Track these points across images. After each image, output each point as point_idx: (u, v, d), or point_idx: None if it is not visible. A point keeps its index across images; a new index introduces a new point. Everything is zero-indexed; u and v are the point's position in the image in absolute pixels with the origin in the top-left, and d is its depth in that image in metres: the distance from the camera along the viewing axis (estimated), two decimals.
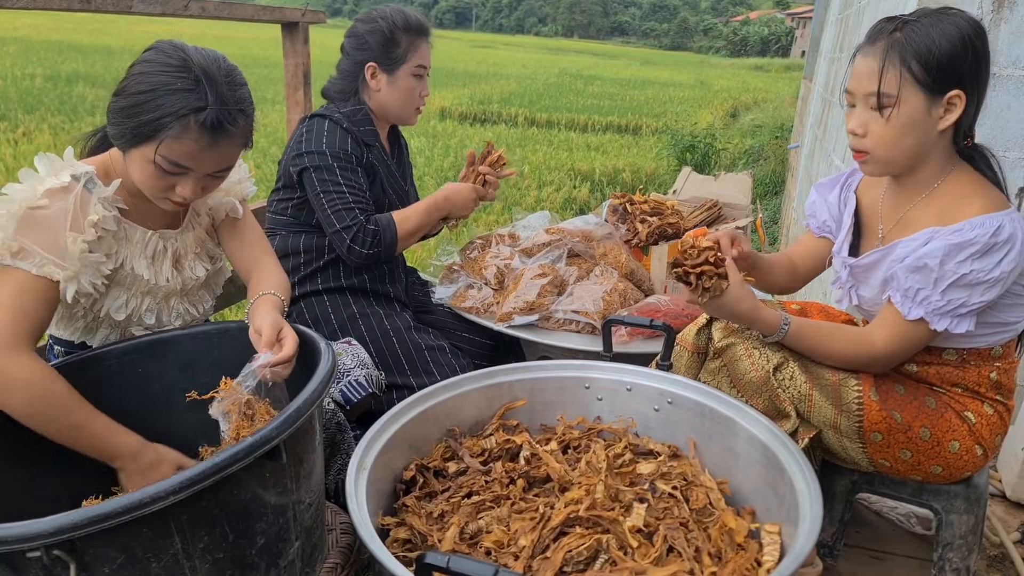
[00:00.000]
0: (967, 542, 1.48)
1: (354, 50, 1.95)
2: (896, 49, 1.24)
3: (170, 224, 1.41)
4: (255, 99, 1.31)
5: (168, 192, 1.26)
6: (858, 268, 1.42)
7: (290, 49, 2.67)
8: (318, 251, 1.98)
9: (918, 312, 1.28)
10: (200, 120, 1.16)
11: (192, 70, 1.17)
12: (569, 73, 28.37)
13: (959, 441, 1.36)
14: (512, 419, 1.45)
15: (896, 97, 1.25)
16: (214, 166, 1.25)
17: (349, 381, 1.66)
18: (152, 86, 1.16)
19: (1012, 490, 2.00)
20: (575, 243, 2.19)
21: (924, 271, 1.25)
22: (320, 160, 1.83)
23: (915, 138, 1.27)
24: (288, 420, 0.99)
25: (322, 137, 1.86)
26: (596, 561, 1.07)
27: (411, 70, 1.94)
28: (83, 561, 0.87)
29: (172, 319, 1.44)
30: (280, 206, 1.98)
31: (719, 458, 1.34)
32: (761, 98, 20.33)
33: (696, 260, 1.35)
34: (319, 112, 1.93)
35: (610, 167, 9.39)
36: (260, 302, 1.32)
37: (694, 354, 1.50)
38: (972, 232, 1.22)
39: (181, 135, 1.17)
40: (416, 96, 1.98)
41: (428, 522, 1.19)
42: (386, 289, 2.06)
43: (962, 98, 1.24)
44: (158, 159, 1.19)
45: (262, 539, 1.02)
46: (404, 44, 1.92)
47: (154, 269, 1.37)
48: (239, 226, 1.49)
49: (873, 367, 1.37)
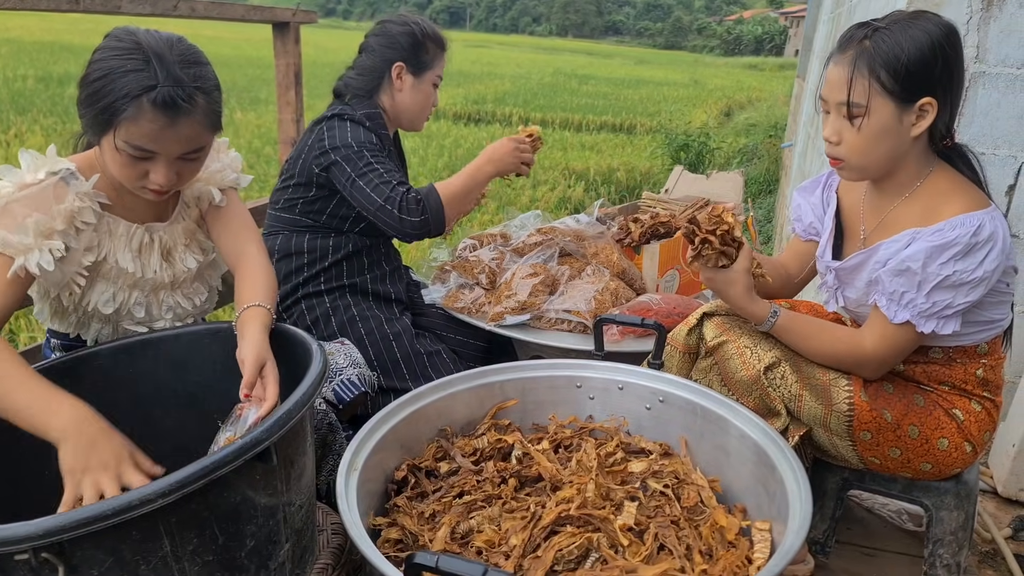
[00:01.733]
0: (957, 538, 1.48)
1: (383, 48, 1.97)
2: (864, 58, 1.23)
3: (158, 217, 1.41)
4: (248, 99, 1.32)
5: (143, 180, 1.25)
6: (843, 271, 1.43)
7: (281, 49, 2.66)
8: (322, 252, 1.98)
9: (904, 315, 1.28)
10: (152, 99, 1.15)
11: (143, 50, 1.17)
12: (563, 73, 28.40)
13: (948, 438, 1.37)
14: (504, 419, 1.45)
15: (866, 107, 1.25)
16: (180, 148, 1.23)
17: (342, 380, 1.66)
18: (106, 71, 1.16)
19: (1003, 486, 2.01)
20: (567, 242, 2.19)
21: (907, 274, 1.25)
22: (348, 151, 1.84)
23: (888, 145, 1.28)
24: (279, 422, 0.99)
25: (346, 132, 1.87)
26: (587, 560, 1.07)
27: (433, 78, 2.01)
28: (71, 563, 0.87)
29: (163, 312, 1.43)
30: (288, 203, 1.97)
31: (710, 456, 1.34)
32: (755, 97, 20.39)
33: (709, 226, 1.36)
34: (335, 112, 1.92)
35: (604, 166, 9.42)
36: (246, 318, 1.27)
37: (685, 354, 1.51)
38: (953, 232, 1.22)
39: (137, 116, 1.16)
40: (429, 105, 2.05)
41: (419, 522, 1.19)
42: (387, 290, 2.06)
43: (934, 105, 1.24)
44: (120, 144, 1.19)
45: (252, 541, 1.02)
46: (432, 51, 1.99)
47: (140, 262, 1.37)
48: (224, 215, 1.47)
49: (863, 370, 1.37)
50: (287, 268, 1.99)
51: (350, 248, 1.99)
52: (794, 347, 1.40)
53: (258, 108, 12.49)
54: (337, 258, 1.98)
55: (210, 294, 1.55)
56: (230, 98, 14.05)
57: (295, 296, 1.99)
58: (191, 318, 1.50)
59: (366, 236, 2.02)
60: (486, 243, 2.33)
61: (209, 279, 1.54)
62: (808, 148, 5.29)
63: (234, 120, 11.32)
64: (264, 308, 1.28)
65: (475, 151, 10.75)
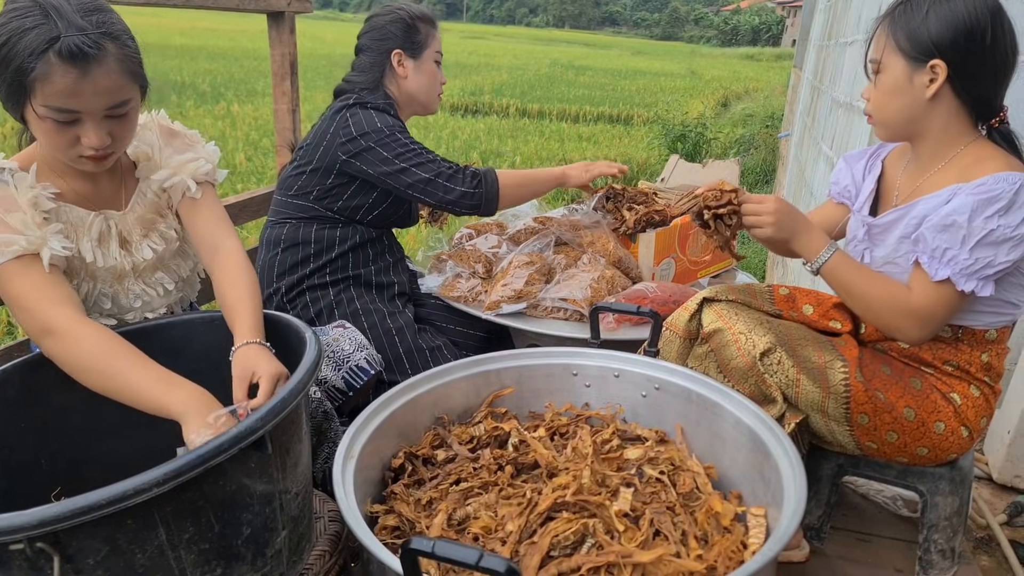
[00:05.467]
0: (952, 524, 1.49)
1: (376, 42, 2.00)
2: (891, 19, 1.32)
3: (112, 205, 1.39)
4: (244, 92, 1.30)
5: (76, 147, 1.21)
6: (876, 228, 1.44)
7: (276, 39, 2.64)
8: (329, 243, 1.98)
9: (945, 272, 1.27)
10: (58, 51, 1.11)
11: (39, 6, 1.13)
12: (560, 64, 28.31)
13: (944, 422, 1.37)
14: (500, 407, 1.45)
15: (880, 63, 1.34)
16: (101, 102, 1.18)
17: (351, 367, 1.66)
18: (7, 35, 1.12)
19: (998, 472, 2.02)
20: (562, 231, 2.19)
21: (952, 228, 1.25)
22: (380, 136, 1.86)
23: (900, 103, 1.33)
24: (274, 410, 0.99)
25: (373, 119, 1.89)
26: (583, 545, 1.07)
27: (433, 55, 2.04)
28: (67, 553, 0.87)
29: (131, 301, 1.41)
30: (301, 191, 1.96)
31: (706, 443, 1.35)
32: (752, 87, 20.35)
33: (720, 201, 1.44)
34: (356, 101, 1.92)
35: (602, 157, 9.41)
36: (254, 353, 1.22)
37: (686, 340, 1.51)
38: (997, 186, 1.23)
39: (48, 74, 1.12)
40: (437, 82, 2.07)
41: (416, 509, 1.20)
42: (390, 279, 2.07)
43: (943, 68, 1.27)
44: (40, 110, 1.15)
45: (248, 529, 1.02)
46: (424, 31, 2.01)
47: (100, 251, 1.35)
48: (199, 207, 1.44)
49: (910, 323, 1.34)
50: (293, 259, 1.98)
51: (357, 239, 2.00)
52: (846, 289, 1.39)
53: (255, 100, 12.43)
54: (343, 249, 1.99)
55: (181, 283, 1.51)
56: (227, 91, 14.01)
57: (300, 288, 1.99)
58: (164, 307, 1.48)
59: (373, 227, 2.03)
60: (482, 232, 2.32)
61: (177, 268, 1.50)
62: (804, 138, 5.28)
63: (231, 112, 11.27)
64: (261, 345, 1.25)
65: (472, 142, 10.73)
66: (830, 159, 3.40)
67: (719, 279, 2.37)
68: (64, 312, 1.17)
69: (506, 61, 28.35)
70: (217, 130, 9.82)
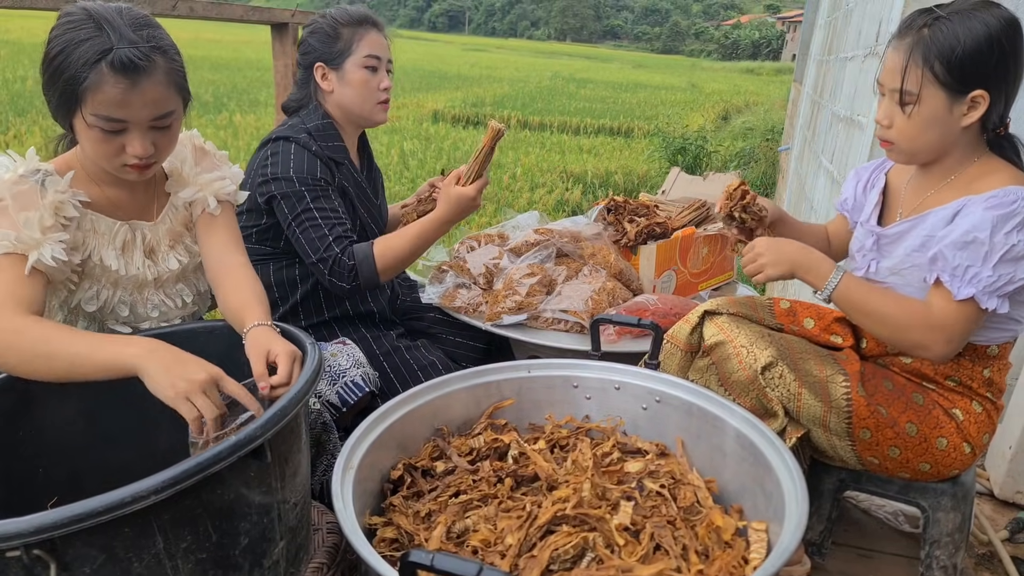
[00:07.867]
0: (954, 540, 1.48)
1: (302, 55, 1.89)
2: (920, 47, 1.26)
3: (143, 215, 1.41)
4: (247, 102, 1.32)
5: (121, 156, 1.24)
6: (885, 238, 1.43)
7: (279, 50, 2.66)
8: (290, 284, 1.89)
9: (968, 291, 1.25)
10: (110, 62, 1.15)
11: (93, 19, 1.17)
12: (561, 76, 28.44)
13: (947, 438, 1.37)
14: (500, 418, 1.44)
15: (917, 95, 1.27)
16: (148, 112, 1.22)
17: (345, 383, 1.65)
18: (62, 46, 1.17)
19: (1000, 488, 2.01)
20: (563, 243, 2.19)
21: (974, 245, 1.24)
22: (288, 187, 1.73)
23: (937, 133, 1.30)
24: (273, 419, 0.99)
25: (288, 162, 1.75)
26: (583, 559, 1.06)
27: (360, 61, 1.83)
28: (63, 561, 0.86)
29: (148, 311, 1.42)
30: (245, 232, 1.79)
31: (707, 457, 1.34)
32: (752, 101, 20.44)
33: (736, 197, 1.56)
34: (282, 134, 1.80)
35: (602, 169, 9.43)
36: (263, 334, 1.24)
37: (687, 353, 1.50)
38: (1012, 202, 1.22)
39: (99, 83, 1.16)
40: (373, 89, 1.86)
41: (415, 521, 1.19)
42: (369, 308, 2.00)
43: (986, 97, 1.25)
44: (89, 119, 1.18)
45: (246, 539, 1.01)
46: (346, 36, 1.83)
47: (124, 259, 1.36)
48: (215, 224, 1.45)
49: (934, 338, 1.30)
50: None
51: (315, 277, 1.84)
52: (862, 310, 1.36)
53: (257, 111, 12.48)
54: (307, 289, 1.89)
55: (198, 297, 1.53)
56: (230, 101, 14.06)
57: None
58: (179, 319, 1.49)
59: None
60: (484, 243, 2.32)
61: (197, 282, 1.52)
62: (805, 151, 5.30)
63: (233, 122, 11.31)
64: (273, 327, 1.27)
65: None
66: (830, 173, 3.40)
67: (720, 292, 2.37)
68: (15, 312, 1.14)
69: (508, 73, 28.50)
70: (219, 140, 9.84)
